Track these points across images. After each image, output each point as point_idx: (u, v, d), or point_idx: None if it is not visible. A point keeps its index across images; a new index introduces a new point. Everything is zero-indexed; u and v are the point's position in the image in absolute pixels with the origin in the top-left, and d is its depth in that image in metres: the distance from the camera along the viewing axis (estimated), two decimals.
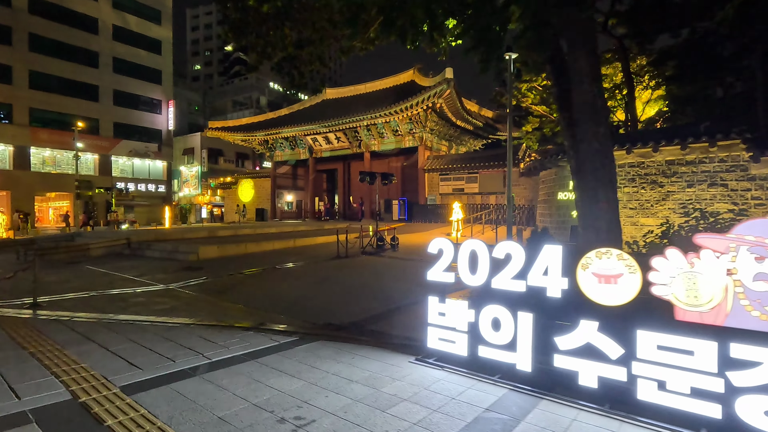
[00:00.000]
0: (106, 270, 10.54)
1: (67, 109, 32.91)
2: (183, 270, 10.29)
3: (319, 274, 9.72)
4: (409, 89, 26.71)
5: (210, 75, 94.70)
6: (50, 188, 33.40)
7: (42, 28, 31.85)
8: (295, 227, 21.63)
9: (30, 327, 4.98)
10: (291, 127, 27.58)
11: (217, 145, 43.89)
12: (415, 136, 24.81)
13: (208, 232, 17.34)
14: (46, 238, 17.63)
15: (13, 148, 31.03)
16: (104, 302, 6.75)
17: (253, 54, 9.84)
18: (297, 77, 11.25)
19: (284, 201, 33.84)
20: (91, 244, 13.69)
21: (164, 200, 39.96)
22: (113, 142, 35.89)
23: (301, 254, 13.13)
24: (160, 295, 7.35)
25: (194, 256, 12.00)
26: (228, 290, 7.88)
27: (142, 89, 38.03)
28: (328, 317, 5.82)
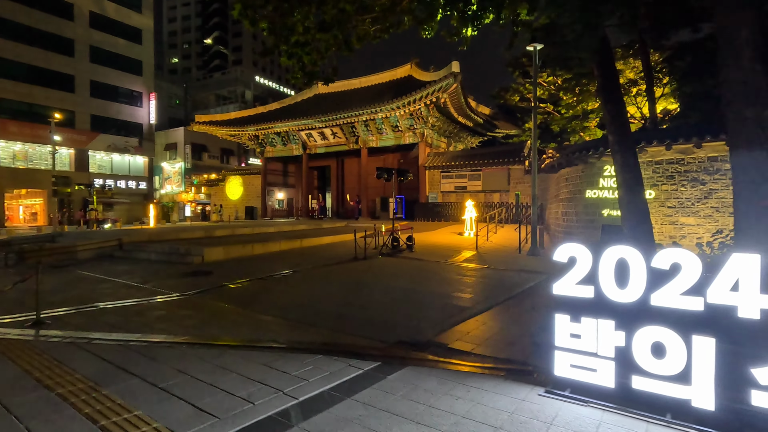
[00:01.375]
0: (103, 275, 9.43)
1: (40, 100, 30.80)
2: (191, 275, 9.28)
3: (348, 278, 8.89)
4: (407, 84, 25.99)
5: (188, 69, 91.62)
6: (21, 185, 31.24)
7: (11, 12, 29.63)
8: (294, 226, 20.63)
9: (43, 354, 4.02)
10: (284, 122, 26.47)
11: (201, 141, 42.21)
12: (416, 132, 24.11)
13: (205, 232, 16.20)
14: (23, 238, 16.13)
15: None
16: (119, 317, 5.77)
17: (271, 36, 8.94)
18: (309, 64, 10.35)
19: (275, 199, 32.64)
20: (79, 246, 12.43)
21: (145, 198, 38.13)
22: (90, 135, 33.88)
23: (313, 255, 12.25)
24: (180, 306, 6.41)
25: (199, 259, 10.97)
26: (254, 299, 6.98)
27: (121, 80, 36.06)
28: (390, 332, 5.04)
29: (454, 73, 19.36)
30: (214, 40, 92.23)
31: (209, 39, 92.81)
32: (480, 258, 11.63)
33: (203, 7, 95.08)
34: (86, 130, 33.63)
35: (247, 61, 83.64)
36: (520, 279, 8.64)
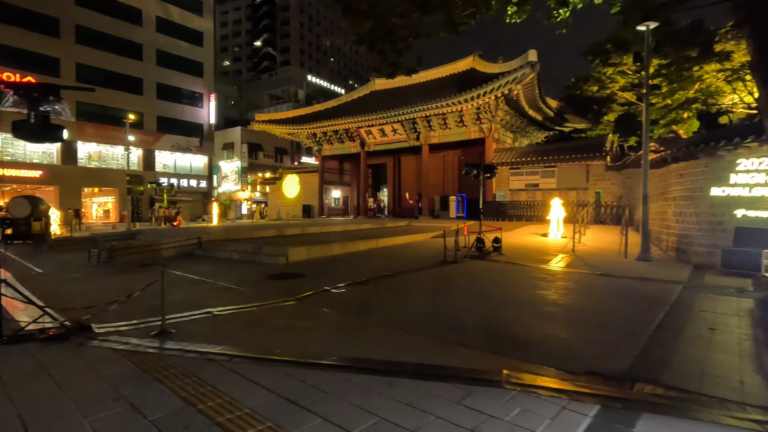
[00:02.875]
0: (195, 276, 9.17)
1: (113, 102, 32.33)
2: (283, 277, 8.82)
3: (453, 284, 8.10)
4: (469, 77, 24.87)
5: (239, 71, 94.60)
6: (96, 183, 32.99)
7: (88, 20, 31.29)
8: (359, 225, 20.13)
9: (191, 376, 3.49)
10: (345, 119, 26.09)
11: (256, 140, 43.02)
12: (482, 127, 22.94)
13: (277, 231, 15.98)
14: (106, 235, 16.62)
15: (61, 143, 30.57)
16: (238, 326, 5.27)
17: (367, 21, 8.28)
18: (392, 55, 9.57)
19: (331, 197, 32.49)
20: (163, 244, 12.45)
21: (205, 196, 39.29)
22: (157, 136, 35.26)
23: (396, 257, 11.55)
24: (295, 316, 5.84)
25: (284, 259, 10.56)
26: (366, 308, 6.33)
27: (184, 82, 37.29)
28: (560, 358, 4.17)
29: (531, 63, 18.05)
30: (264, 42, 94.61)
31: (259, 41, 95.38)
32: (584, 263, 10.46)
33: (253, 10, 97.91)
34: (153, 131, 35.01)
35: (294, 62, 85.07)
36: (653, 289, 7.48)
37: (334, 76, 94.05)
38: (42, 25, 29.22)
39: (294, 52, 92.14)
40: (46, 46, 29.38)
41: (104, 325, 4.94)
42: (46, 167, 29.88)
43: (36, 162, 29.69)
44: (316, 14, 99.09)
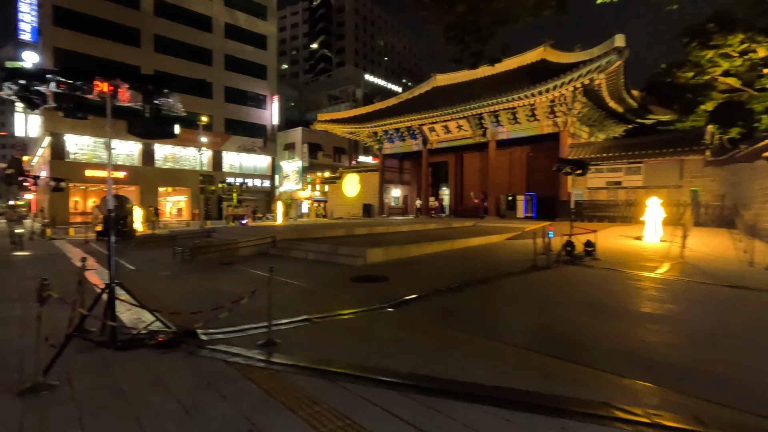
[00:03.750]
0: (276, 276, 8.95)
1: (185, 106, 33.89)
2: (366, 280, 8.39)
3: (559, 294, 7.24)
4: (540, 68, 23.38)
5: (296, 73, 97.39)
6: (171, 183, 35.00)
7: (165, 29, 33.20)
8: (425, 225, 19.50)
9: (312, 399, 3.04)
10: (408, 116, 25.54)
11: (316, 140, 43.71)
12: (556, 121, 21.44)
13: (346, 231, 15.75)
14: (184, 233, 17.26)
15: (141, 146, 32.75)
16: (341, 336, 4.84)
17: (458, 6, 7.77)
18: (475, 44, 8.97)
19: (391, 196, 32.12)
20: (241, 243, 12.57)
21: (268, 195, 40.47)
22: (224, 137, 36.78)
23: (479, 261, 10.79)
24: (398, 326, 5.33)
25: (362, 261, 10.18)
26: (471, 318, 5.70)
27: (249, 85, 38.62)
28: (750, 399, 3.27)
29: (618, 49, 16.43)
30: (320, 45, 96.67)
31: (315, 44, 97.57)
32: (700, 271, 9.10)
33: (310, 14, 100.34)
34: (221, 132, 36.57)
35: (349, 62, 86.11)
36: None
37: (388, 74, 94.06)
38: (125, 36, 31.40)
39: (349, 53, 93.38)
40: (128, 55, 31.53)
41: (208, 331, 4.69)
42: (129, 168, 32.12)
43: (120, 164, 31.99)
44: (370, 14, 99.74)
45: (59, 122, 29.28)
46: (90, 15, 29.87)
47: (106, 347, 4.02)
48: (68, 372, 3.52)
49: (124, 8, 31.31)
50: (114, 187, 19.27)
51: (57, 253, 12.96)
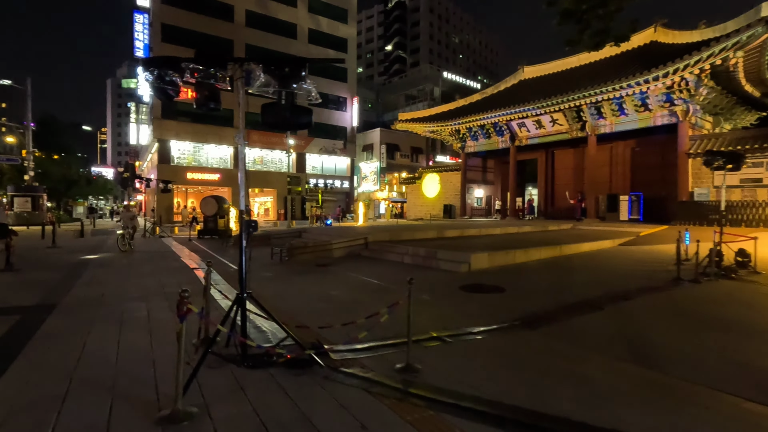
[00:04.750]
0: (377, 280, 8.48)
1: None
2: (477, 289, 7.52)
3: (732, 316, 5.79)
4: (651, 52, 20.67)
5: (371, 76, 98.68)
6: (259, 184, 36.86)
7: (255, 39, 35.02)
8: (519, 228, 18.08)
9: None
10: (495, 111, 24.10)
11: (394, 141, 43.54)
12: (674, 110, 18.74)
13: (437, 233, 14.97)
14: (277, 233, 17.67)
15: (233, 150, 34.85)
16: (490, 364, 4.06)
17: None
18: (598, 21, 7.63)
19: (473, 196, 30.74)
20: (335, 244, 12.36)
21: (347, 196, 41.04)
22: (307, 140, 37.93)
23: (600, 270, 9.39)
24: (547, 353, 4.42)
25: (465, 267, 9.32)
26: (640, 348, 4.59)
27: (330, 88, 39.45)
28: None
29: (765, 19, 13.73)
30: (394, 46, 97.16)
31: (390, 45, 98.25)
32: None
33: (385, 16, 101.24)
34: (304, 135, 37.76)
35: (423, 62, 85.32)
36: None
37: (463, 72, 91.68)
38: (220, 45, 33.61)
39: (424, 53, 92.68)
40: None
41: (335, 347, 4.16)
42: (222, 171, 34.36)
43: (215, 166, 34.35)
44: (445, 12, 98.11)
45: (165, 130, 32.15)
46: (190, 29, 32.39)
47: (235, 364, 3.63)
48: (202, 391, 3.14)
49: (220, 21, 33.56)
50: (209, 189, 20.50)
51: (167, 250, 13.76)
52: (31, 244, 14.39)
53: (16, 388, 3.17)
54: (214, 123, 33.53)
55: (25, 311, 5.45)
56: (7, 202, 25.65)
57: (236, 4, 34.31)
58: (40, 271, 8.87)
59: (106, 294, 6.67)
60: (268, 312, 3.79)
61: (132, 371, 3.54)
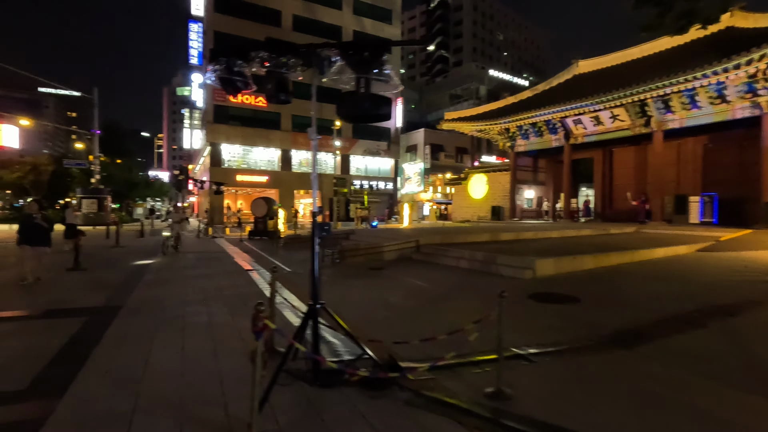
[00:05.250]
0: (435, 287, 8.01)
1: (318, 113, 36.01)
2: (549, 299, 6.88)
3: None
4: (727, 38, 18.74)
5: (413, 77, 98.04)
6: (305, 186, 37.38)
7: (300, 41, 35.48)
8: (578, 231, 16.97)
9: None
10: (551, 107, 22.88)
11: (438, 141, 42.84)
12: (758, 101, 16.90)
13: (490, 236, 14.26)
14: None
15: (280, 152, 35.55)
16: (585, 391, 3.49)
17: None
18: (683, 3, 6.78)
19: (523, 198, 29.48)
20: (384, 247, 12.01)
21: (391, 197, 40.76)
22: (352, 142, 38.04)
23: (684, 280, 8.40)
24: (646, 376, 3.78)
25: (530, 273, 8.65)
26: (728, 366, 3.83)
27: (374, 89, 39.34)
28: None
29: None
30: (437, 46, 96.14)
31: (432, 45, 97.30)
32: None
33: (427, 16, 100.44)
34: (348, 137, 37.90)
35: (467, 60, 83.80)
36: None
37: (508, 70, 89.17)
38: None
39: (467, 51, 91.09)
40: None
41: (411, 365, 3.74)
42: (270, 173, 35.14)
43: (263, 168, 35.19)
44: (489, 9, 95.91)
45: (217, 133, 33.32)
46: (240, 36, 33.36)
47: (305, 381, 3.31)
48: (275, 414, 2.82)
49: (268, 26, 34.36)
50: (257, 190, 20.60)
51: (220, 251, 13.98)
52: (97, 244, 15.11)
53: (83, 404, 3.00)
54: (263, 126, 34.38)
55: (91, 312, 5.46)
56: (75, 204, 27.45)
57: (283, 9, 35.01)
58: (105, 271, 9.14)
59: (167, 296, 6.65)
60: (344, 327, 3.43)
61: (199, 386, 3.31)
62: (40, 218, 7.88)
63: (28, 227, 7.79)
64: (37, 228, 7.79)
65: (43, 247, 7.93)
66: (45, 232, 7.92)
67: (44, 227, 7.90)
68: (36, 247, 7.76)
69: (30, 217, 7.93)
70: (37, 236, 7.76)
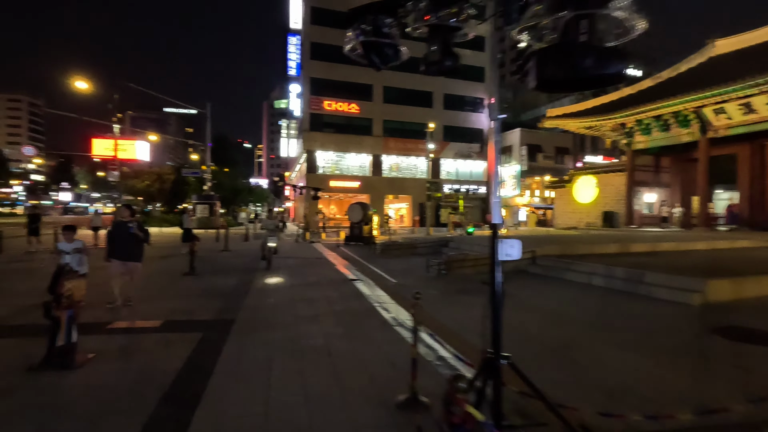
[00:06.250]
0: (573, 310, 6.60)
1: (408, 117, 35.64)
2: (738, 336, 5.13)
3: None
4: None
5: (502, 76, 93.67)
6: (395, 191, 37.10)
7: None
8: (732, 242, 13.96)
9: None
10: (686, 96, 19.54)
11: (535, 141, 39.84)
12: None
13: (620, 247, 12.17)
14: (423, 241, 16.74)
15: (371, 157, 35.70)
16: None
17: None
18: None
19: (641, 202, 25.76)
20: None
21: (483, 202, 38.75)
22: (443, 145, 36.91)
23: None
24: None
25: (698, 298, 6.79)
26: None
27: (466, 89, 37.88)
28: None
29: None
30: None
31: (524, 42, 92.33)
32: None
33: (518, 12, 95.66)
34: (439, 140, 36.83)
35: None
36: None
37: None
38: None
39: None
40: (363, 76, 34.84)
41: None
42: (362, 178, 35.43)
43: (355, 174, 35.61)
44: None
45: (312, 141, 34.49)
46: (335, 45, 34.22)
47: None
48: None
49: None
50: (348, 196, 19.84)
51: (320, 257, 13.79)
52: (208, 247, 15.94)
53: None
54: (355, 132, 34.80)
55: (205, 327, 5.14)
56: (191, 209, 30.19)
57: None
58: (217, 277, 9.21)
59: (277, 310, 6.22)
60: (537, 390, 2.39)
61: None
62: (136, 227, 6.25)
63: (120, 237, 6.23)
64: (131, 239, 6.19)
65: (135, 262, 6.37)
66: (139, 244, 6.38)
67: (139, 238, 6.29)
68: (127, 262, 6.25)
69: (123, 225, 6.27)
70: (129, 249, 6.24)
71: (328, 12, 34.22)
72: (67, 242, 5.28)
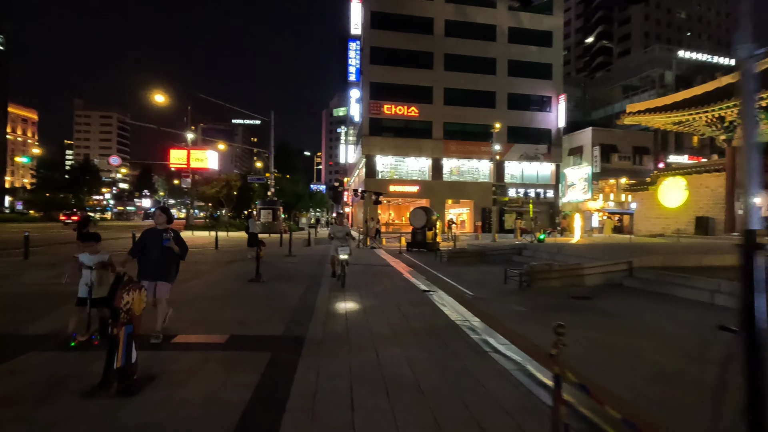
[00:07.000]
0: (704, 340, 5.26)
1: (470, 119, 34.35)
2: None
3: None
4: None
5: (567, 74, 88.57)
6: (455, 195, 35.86)
7: (453, 47, 34.44)
8: None
9: None
10: None
11: (609, 141, 36.76)
12: None
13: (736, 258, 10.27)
14: (492, 249, 15.58)
15: (431, 161, 34.80)
16: None
17: None
18: None
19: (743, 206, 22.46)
20: (585, 269, 9.41)
21: (551, 206, 36.36)
22: (507, 147, 35.15)
23: None
24: None
25: None
26: None
27: (532, 88, 35.85)
28: None
29: None
30: (597, 36, 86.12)
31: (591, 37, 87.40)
32: None
33: (585, 5, 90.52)
34: (503, 142, 35.09)
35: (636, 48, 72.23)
36: None
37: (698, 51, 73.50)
38: (419, 60, 34.19)
39: (636, 38, 78.93)
40: (422, 78, 34.17)
41: None
42: (421, 183, 34.63)
43: (414, 179, 34.89)
44: None
45: (372, 146, 34.30)
46: (394, 48, 33.90)
47: None
48: None
49: (420, 35, 34.23)
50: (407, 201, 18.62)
51: (384, 264, 13.14)
52: (272, 252, 15.93)
53: None
54: (414, 136, 34.14)
55: (274, 345, 4.60)
56: (256, 214, 31.08)
57: (435, 16, 34.43)
58: (282, 284, 8.84)
59: (349, 324, 5.58)
60: None
61: None
62: (172, 239, 4.56)
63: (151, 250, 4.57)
64: (164, 254, 4.58)
65: (165, 282, 4.64)
66: (174, 260, 4.76)
67: (174, 252, 4.63)
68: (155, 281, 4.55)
69: (157, 235, 4.60)
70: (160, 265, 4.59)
71: (387, 15, 34.00)
72: (90, 254, 4.42)
